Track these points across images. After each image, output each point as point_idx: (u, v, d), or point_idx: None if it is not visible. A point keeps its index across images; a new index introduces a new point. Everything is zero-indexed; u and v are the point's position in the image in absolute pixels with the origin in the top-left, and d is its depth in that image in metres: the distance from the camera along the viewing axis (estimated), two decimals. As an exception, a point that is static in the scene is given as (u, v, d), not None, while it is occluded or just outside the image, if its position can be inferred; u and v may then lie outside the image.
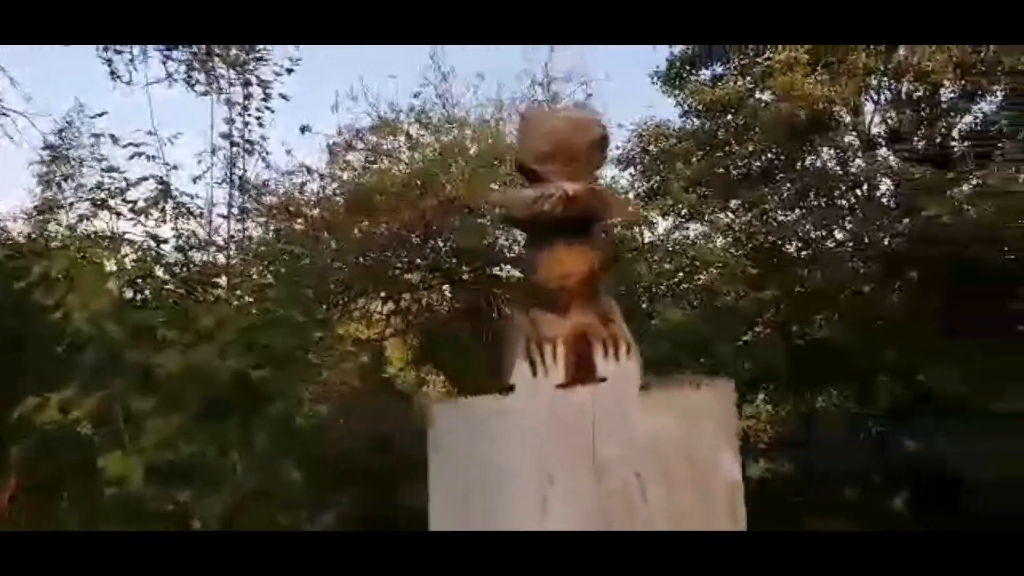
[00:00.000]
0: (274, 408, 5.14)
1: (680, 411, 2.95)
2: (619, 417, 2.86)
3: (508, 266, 11.04)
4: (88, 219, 5.82)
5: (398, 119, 10.92)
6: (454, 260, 10.32)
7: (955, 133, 11.95)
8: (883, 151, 11.90)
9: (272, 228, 9.20)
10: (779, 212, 11.74)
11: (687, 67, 13.44)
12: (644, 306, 10.32)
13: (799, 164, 12.44)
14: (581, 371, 2.91)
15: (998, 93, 11.35)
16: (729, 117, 12.71)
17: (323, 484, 6.87)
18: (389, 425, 9.90)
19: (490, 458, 2.85)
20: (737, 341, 9.93)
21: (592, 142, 3.16)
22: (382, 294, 11.04)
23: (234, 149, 6.23)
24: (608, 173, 12.15)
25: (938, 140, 11.76)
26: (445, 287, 11.40)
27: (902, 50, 11.62)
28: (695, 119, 13.03)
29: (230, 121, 6.17)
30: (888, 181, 11.53)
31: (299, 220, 10.00)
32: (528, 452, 2.74)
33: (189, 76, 7.01)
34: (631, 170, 12.94)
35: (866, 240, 11.15)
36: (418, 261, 10.72)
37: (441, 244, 10.41)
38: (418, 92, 10.94)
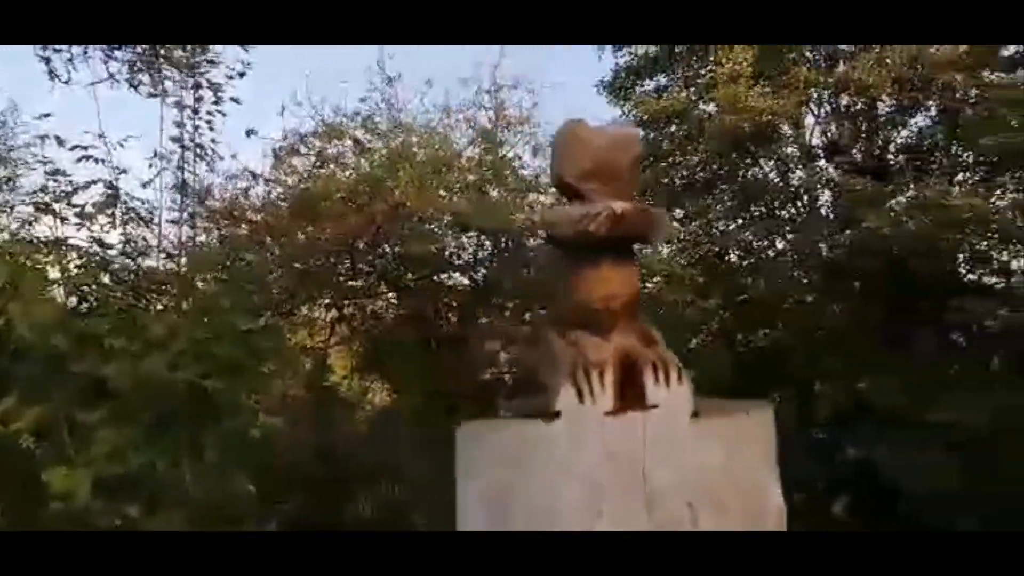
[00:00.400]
0: (226, 419, 5.06)
1: (729, 438, 2.89)
2: (670, 445, 2.76)
3: (456, 273, 11.03)
4: (31, 224, 5.65)
5: (344, 124, 10.83)
6: (401, 267, 10.26)
7: (893, 146, 12.30)
8: (823, 163, 12.20)
9: (217, 233, 9.06)
10: (722, 222, 11.95)
11: (632, 77, 13.58)
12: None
13: (741, 175, 12.68)
14: (630, 397, 2.81)
15: (932, 108, 11.71)
16: (673, 128, 12.87)
17: (271, 494, 6.78)
18: (333, 434, 9.81)
19: (533, 487, 2.73)
20: (683, 350, 10.04)
21: (633, 160, 3.12)
22: (326, 301, 10.93)
23: (185, 153, 6.11)
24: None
25: (876, 153, 12.10)
26: (391, 294, 11.34)
27: (842, 65, 11.95)
28: (640, 129, 13.17)
29: (180, 124, 6.05)
30: (828, 193, 11.81)
31: (243, 225, 9.86)
32: (576, 482, 2.64)
33: (132, 77, 6.83)
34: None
35: (807, 251, 11.41)
36: (363, 268, 10.65)
37: (388, 251, 10.35)
38: (365, 97, 10.86)
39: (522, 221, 11.01)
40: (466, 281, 11.41)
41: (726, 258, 11.77)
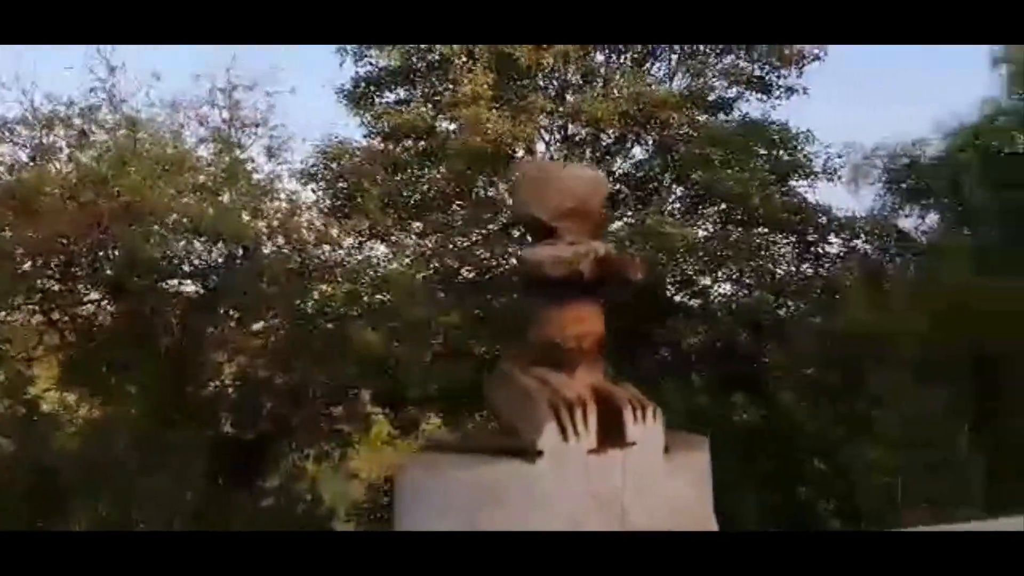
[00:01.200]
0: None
1: (693, 472, 3.01)
2: (647, 482, 2.84)
3: (186, 280, 10.57)
4: None
5: (62, 113, 9.98)
6: (126, 270, 9.63)
7: (615, 175, 13.35)
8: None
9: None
10: (460, 238, 12.31)
11: (372, 88, 13.65)
12: (331, 327, 10.34)
13: (477, 193, 13.17)
14: (610, 435, 2.84)
15: (650, 142, 12.86)
16: (411, 142, 13.10)
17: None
18: (42, 448, 9.10)
19: (511, 526, 2.65)
20: (423, 361, 10.26)
21: (602, 200, 3.21)
22: (33, 306, 10.03)
23: None
24: (289, 187, 12.00)
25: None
26: (108, 300, 10.62)
27: (570, 96, 12.82)
28: (381, 140, 13.27)
29: None
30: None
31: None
32: (557, 521, 2.62)
33: None
34: (312, 186, 12.87)
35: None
36: (79, 271, 9.91)
37: (110, 253, 9.69)
38: (92, 88, 10.05)
39: (257, 226, 10.74)
40: (195, 288, 10.93)
41: (464, 272, 12.15)
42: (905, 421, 11.03)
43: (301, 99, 21.79)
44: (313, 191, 12.92)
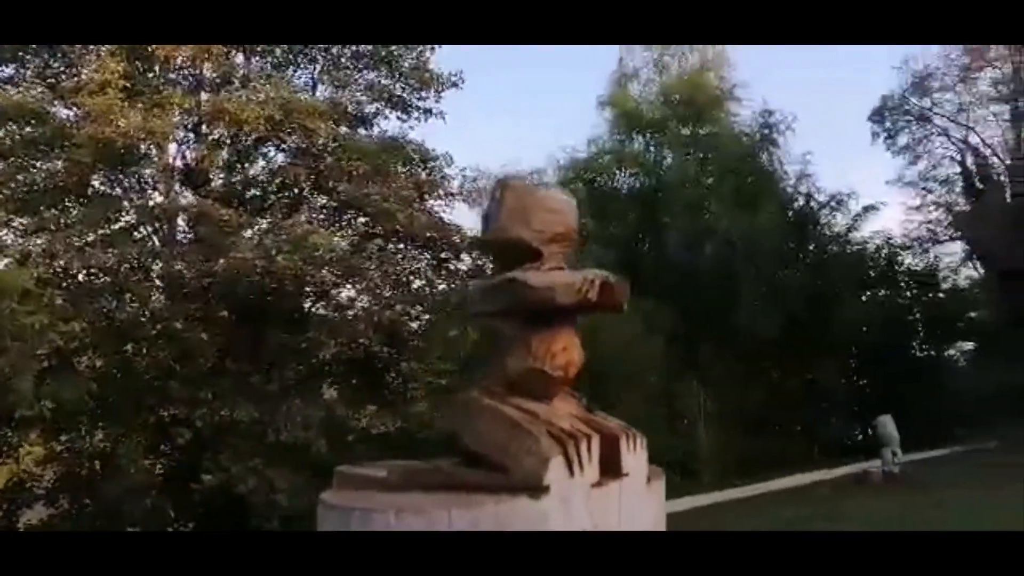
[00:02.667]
0: None
1: (662, 503, 2.98)
2: (636, 512, 2.87)
3: None
4: None
5: None
6: None
7: (258, 180, 12.96)
8: (188, 189, 12.28)
9: None
10: (78, 238, 11.09)
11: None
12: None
13: (98, 189, 12.08)
14: (607, 467, 2.84)
15: (295, 149, 12.66)
16: (17, 127, 11.68)
17: None
18: None
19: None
20: (38, 375, 9.11)
21: (578, 224, 3.09)
22: None
23: None
24: None
25: (241, 185, 12.63)
26: None
27: (206, 94, 12.26)
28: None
29: None
30: (190, 218, 11.90)
31: None
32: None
33: None
34: None
35: (161, 274, 11.37)
36: None
37: None
38: None
39: None
40: None
41: (83, 277, 10.98)
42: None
43: None
44: None
